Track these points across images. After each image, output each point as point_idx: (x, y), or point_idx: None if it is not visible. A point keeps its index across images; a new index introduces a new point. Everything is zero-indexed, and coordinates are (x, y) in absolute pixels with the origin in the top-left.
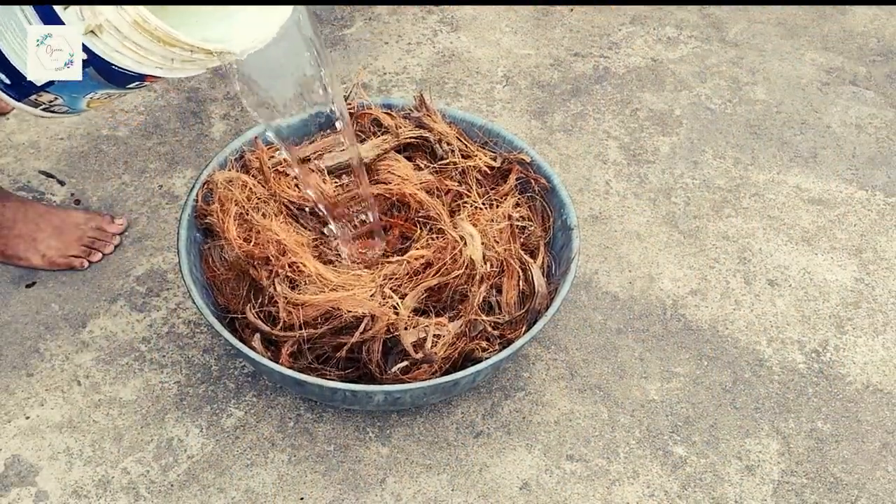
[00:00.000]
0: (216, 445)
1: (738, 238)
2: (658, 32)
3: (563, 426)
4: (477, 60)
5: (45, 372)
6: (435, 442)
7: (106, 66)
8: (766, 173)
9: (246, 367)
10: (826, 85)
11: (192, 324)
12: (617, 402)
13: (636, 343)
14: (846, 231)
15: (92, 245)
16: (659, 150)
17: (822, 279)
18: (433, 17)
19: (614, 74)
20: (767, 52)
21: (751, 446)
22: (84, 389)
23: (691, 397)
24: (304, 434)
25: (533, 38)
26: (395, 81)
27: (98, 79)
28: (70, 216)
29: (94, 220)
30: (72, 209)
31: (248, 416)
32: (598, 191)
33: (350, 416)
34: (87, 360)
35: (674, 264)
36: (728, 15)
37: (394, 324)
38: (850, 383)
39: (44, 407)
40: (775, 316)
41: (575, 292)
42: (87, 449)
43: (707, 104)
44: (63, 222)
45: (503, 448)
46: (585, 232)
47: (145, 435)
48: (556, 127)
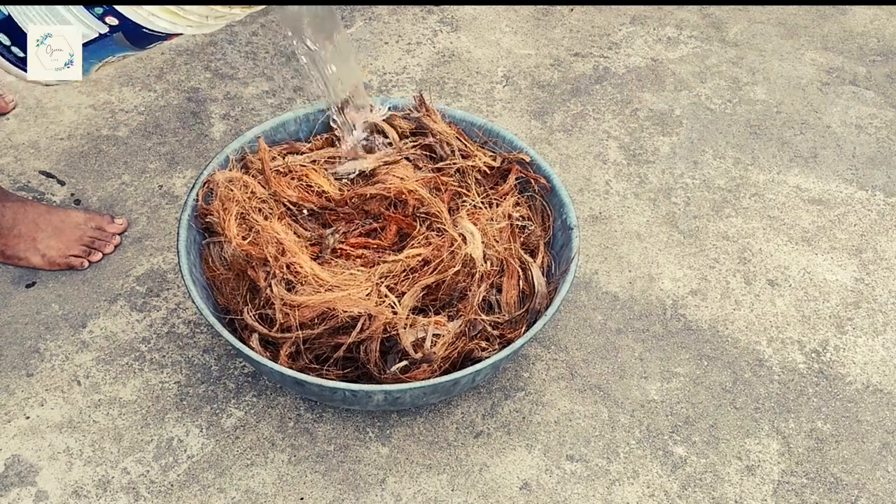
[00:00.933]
0: (216, 445)
1: (739, 238)
2: (658, 32)
3: (563, 426)
4: (477, 60)
5: (45, 372)
6: (435, 442)
7: (136, 29)
8: (766, 173)
9: (246, 368)
10: (826, 85)
11: (192, 324)
12: (617, 402)
13: (636, 343)
14: (846, 231)
15: (92, 245)
16: (659, 150)
17: (822, 279)
18: (433, 17)
19: (614, 74)
20: (767, 52)
21: (751, 446)
22: (84, 389)
23: (691, 397)
24: (304, 434)
25: (533, 39)
26: (396, 81)
27: (124, 42)
28: (70, 216)
29: (94, 219)
30: (72, 209)
31: (248, 416)
32: (598, 191)
33: (350, 416)
34: (87, 360)
35: (674, 264)
36: (728, 15)
37: (392, 323)
38: (850, 383)
39: (44, 407)
40: (775, 316)
41: (575, 292)
42: (87, 449)
43: (707, 104)
44: (63, 222)
45: (503, 448)
46: (585, 232)
47: (145, 435)
48: (556, 127)
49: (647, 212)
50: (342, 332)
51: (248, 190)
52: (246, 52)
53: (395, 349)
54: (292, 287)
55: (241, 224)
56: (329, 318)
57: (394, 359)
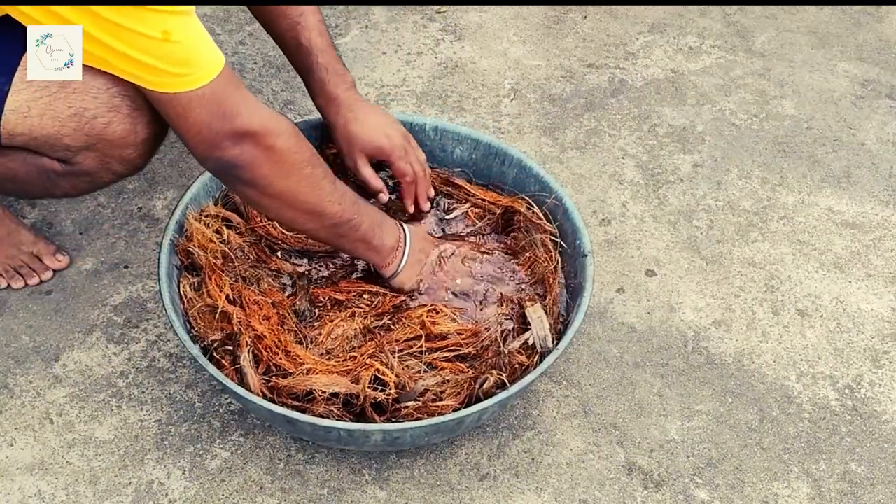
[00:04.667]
0: (200, 489)
1: (766, 264)
2: (679, 42)
3: (575, 468)
4: (482, 72)
5: (14, 409)
6: (437, 485)
7: None
8: (795, 194)
9: (232, 405)
10: (861, 99)
11: (173, 357)
12: (634, 442)
13: (655, 378)
14: (882, 257)
15: (19, 270)
16: (679, 170)
17: (857, 309)
18: (435, 25)
19: (631, 87)
20: (797, 63)
21: (779, 490)
22: (57, 428)
23: (714, 437)
24: (294, 476)
25: (543, 48)
26: (394, 95)
27: None
28: (18, 233)
29: (37, 245)
30: (24, 227)
31: (234, 457)
32: (613, 213)
33: (345, 457)
34: (61, 397)
35: (696, 293)
36: (754, 23)
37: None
38: (886, 422)
39: (13, 447)
40: (805, 349)
41: (589, 323)
42: (60, 493)
43: (732, 119)
44: (8, 235)
45: (511, 492)
46: (600, 258)
47: (123, 478)
48: (568, 144)
49: (667, 236)
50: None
51: (226, 232)
52: (233, 63)
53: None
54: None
55: (225, 272)
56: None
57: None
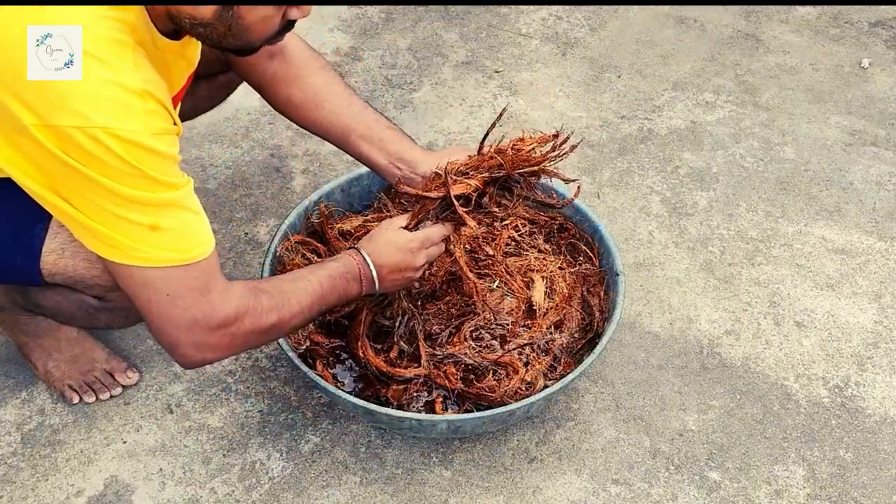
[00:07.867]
0: (295, 468)
1: (769, 284)
2: (697, 97)
3: (609, 453)
4: (533, 122)
5: (140, 401)
6: (493, 466)
7: None
8: (794, 225)
9: (322, 398)
10: (849, 146)
11: (273, 358)
12: (658, 432)
13: (676, 378)
14: (867, 278)
15: (91, 385)
16: (697, 204)
17: (845, 321)
18: (494, 82)
19: (657, 135)
20: (796, 116)
21: (779, 472)
22: (176, 417)
23: (725, 427)
24: (374, 458)
25: (584, 102)
26: (459, 141)
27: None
28: (92, 351)
29: (110, 363)
30: (98, 345)
31: (323, 442)
32: (642, 240)
33: (416, 443)
34: (179, 391)
35: (710, 307)
36: (761, 82)
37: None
38: (869, 416)
39: (140, 432)
40: (802, 354)
41: (620, 332)
42: (178, 471)
43: (741, 162)
44: (82, 354)
45: (554, 472)
46: (630, 278)
47: (231, 458)
48: (604, 182)
49: (687, 260)
50: None
51: (309, 259)
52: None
53: None
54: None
55: None
56: None
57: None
